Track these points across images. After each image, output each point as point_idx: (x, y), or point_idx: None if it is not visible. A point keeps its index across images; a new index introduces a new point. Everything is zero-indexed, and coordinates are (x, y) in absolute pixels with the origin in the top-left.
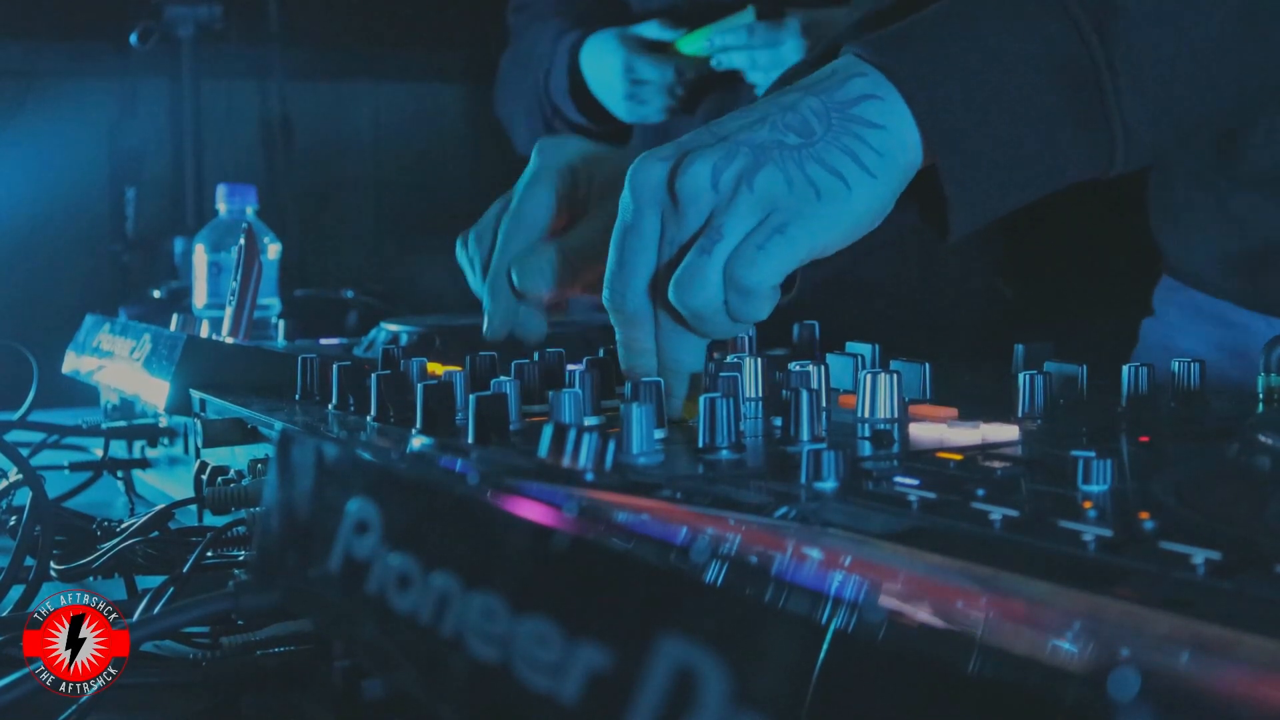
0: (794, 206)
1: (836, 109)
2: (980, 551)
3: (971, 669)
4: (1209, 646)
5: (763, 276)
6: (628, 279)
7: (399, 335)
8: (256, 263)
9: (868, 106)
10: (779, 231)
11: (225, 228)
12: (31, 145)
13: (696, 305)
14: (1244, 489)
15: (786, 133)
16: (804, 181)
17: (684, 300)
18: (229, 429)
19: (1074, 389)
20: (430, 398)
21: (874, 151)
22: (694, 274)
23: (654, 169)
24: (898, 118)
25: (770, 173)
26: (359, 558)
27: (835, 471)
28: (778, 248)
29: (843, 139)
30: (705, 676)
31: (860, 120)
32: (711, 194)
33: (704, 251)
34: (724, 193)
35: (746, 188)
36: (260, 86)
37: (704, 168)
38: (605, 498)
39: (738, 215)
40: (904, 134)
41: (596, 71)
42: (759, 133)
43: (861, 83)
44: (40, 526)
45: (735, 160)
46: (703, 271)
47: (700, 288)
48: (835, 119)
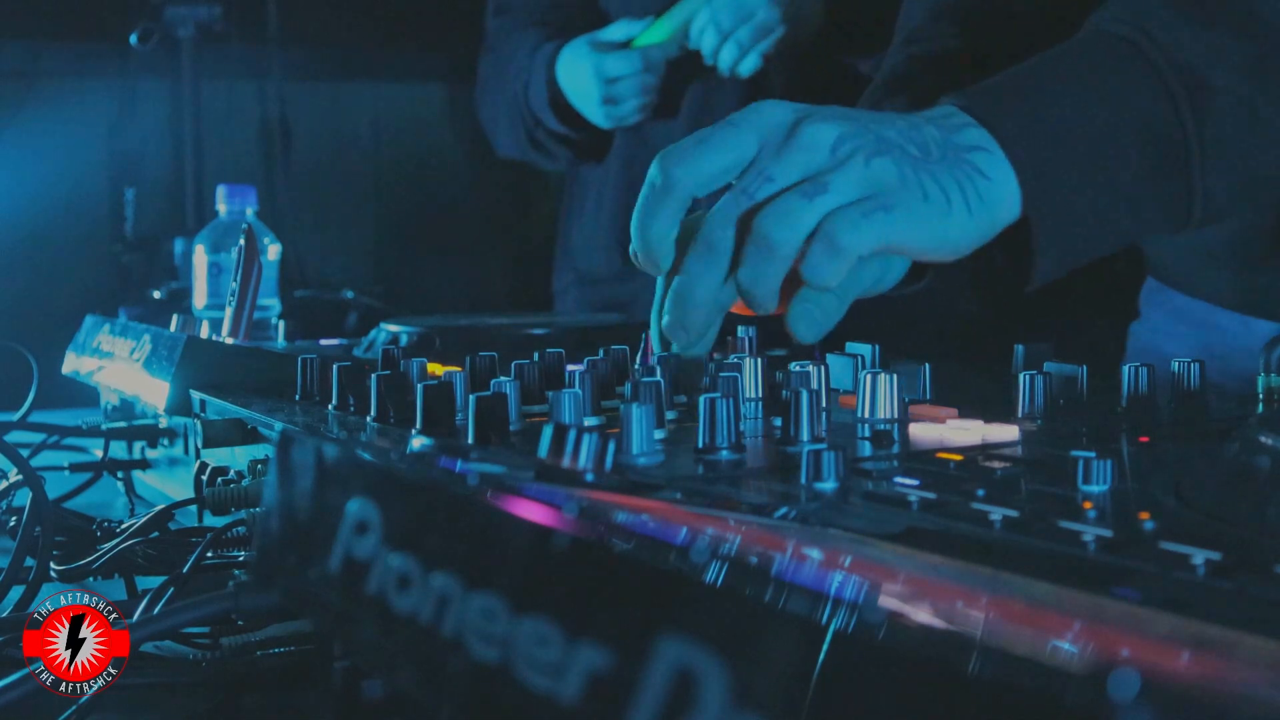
0: (900, 197)
1: (953, 149)
2: (980, 552)
3: (972, 669)
4: (1209, 646)
5: (858, 239)
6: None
7: (399, 336)
8: (256, 263)
9: (978, 156)
10: (884, 209)
11: (225, 228)
12: (31, 146)
13: (779, 237)
14: (1244, 489)
15: (909, 143)
16: (915, 182)
17: (769, 229)
18: (229, 429)
19: (1074, 389)
20: (430, 398)
21: (978, 195)
22: (790, 210)
23: (780, 109)
24: (1003, 173)
25: (887, 162)
26: (359, 558)
27: (835, 472)
28: (880, 221)
29: (955, 170)
30: (705, 677)
31: (971, 165)
32: (827, 154)
33: (806, 196)
34: (839, 158)
35: (862, 161)
36: (260, 87)
37: (832, 130)
38: (605, 498)
39: (846, 179)
40: (1006, 189)
41: (571, 79)
42: (887, 130)
43: (974, 133)
44: (40, 527)
45: (861, 138)
46: (799, 211)
47: (790, 223)
48: (951, 154)
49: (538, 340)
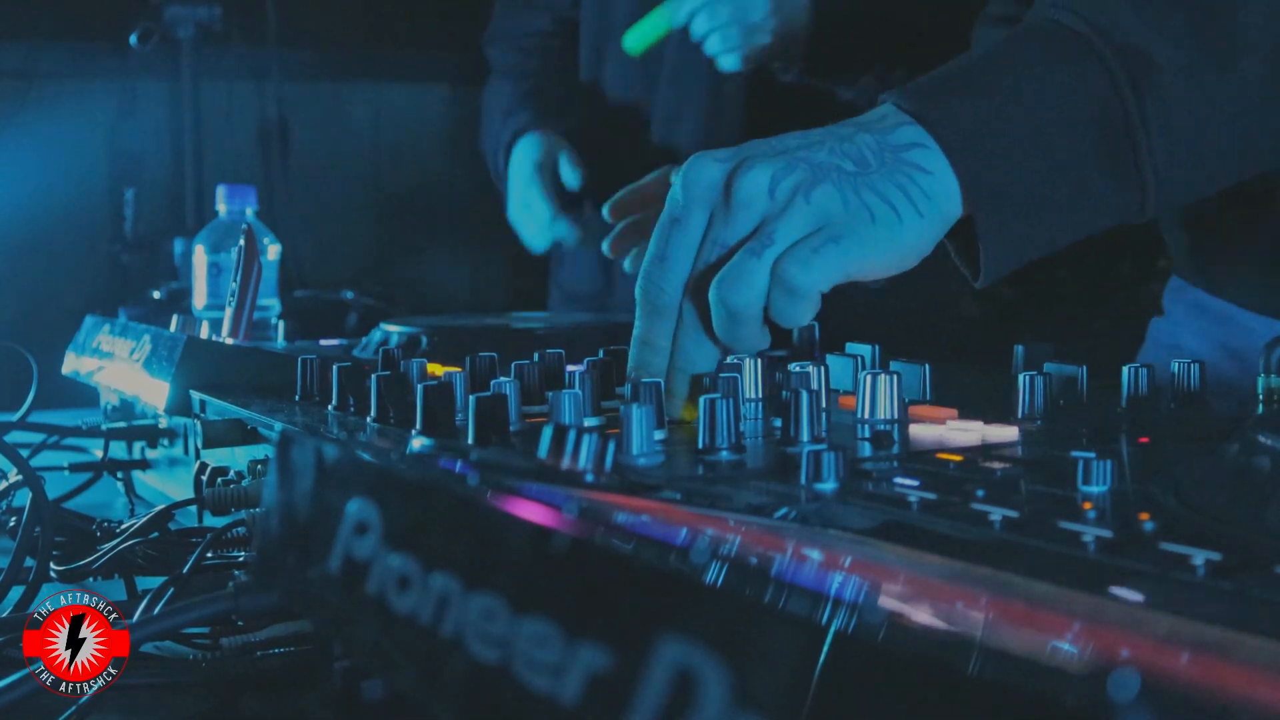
0: (847, 224)
1: (889, 150)
2: (980, 552)
3: (972, 670)
4: (1209, 646)
5: (812, 279)
6: (666, 271)
7: (399, 336)
8: (256, 264)
9: (916, 153)
10: (833, 240)
11: (225, 229)
12: (31, 146)
13: (737, 303)
14: (1244, 489)
15: (844, 159)
16: (859, 204)
17: (726, 297)
18: (229, 430)
19: (1074, 390)
20: (430, 398)
21: (923, 193)
22: (740, 273)
23: (710, 169)
24: (942, 167)
25: (827, 190)
26: (359, 558)
27: (835, 472)
28: (831, 254)
29: (895, 176)
30: (705, 677)
31: (910, 164)
32: (766, 200)
33: (753, 254)
34: (779, 201)
35: (803, 199)
36: (260, 87)
37: (763, 174)
38: (605, 499)
39: (790, 223)
40: (948, 182)
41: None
42: (818, 153)
43: (909, 131)
44: (40, 527)
45: (794, 173)
46: (750, 272)
47: (745, 287)
48: (888, 157)
49: (538, 340)
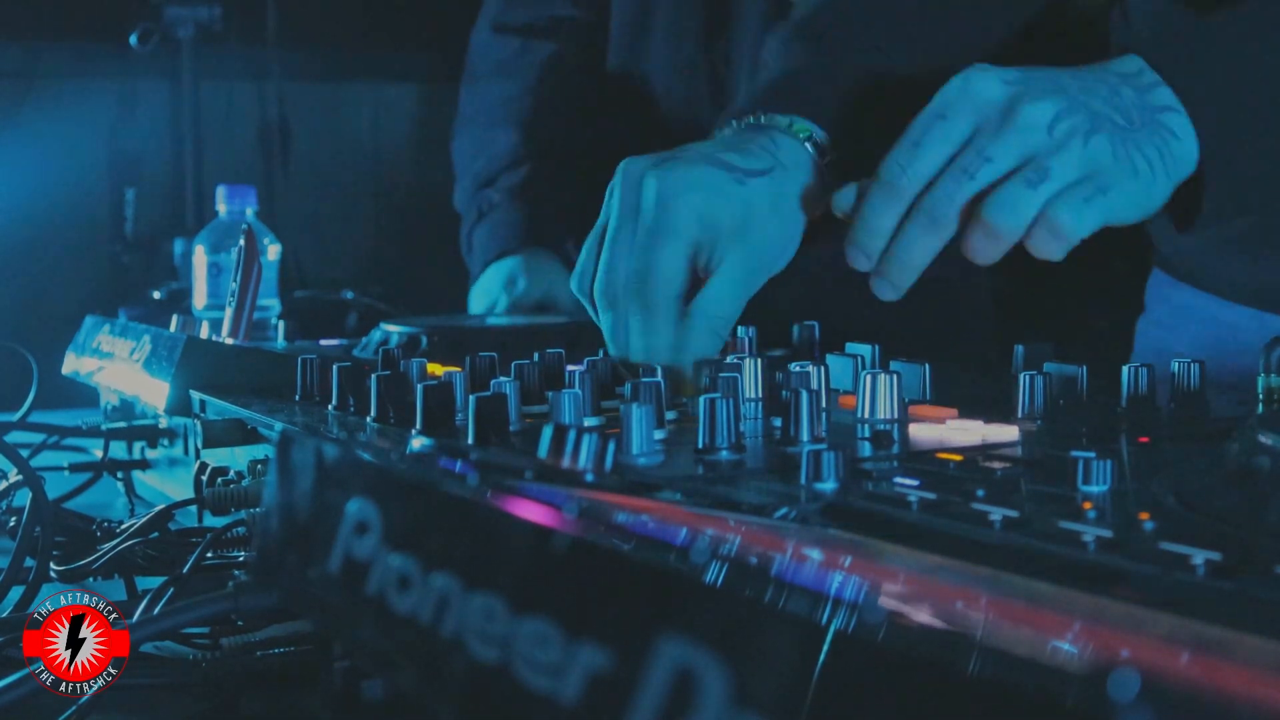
0: (1115, 176)
1: (1149, 109)
2: (980, 552)
3: (972, 670)
4: (1209, 646)
5: (1078, 224)
6: (916, 157)
7: (399, 336)
8: (256, 264)
9: (1169, 117)
10: (1102, 192)
11: (225, 229)
12: (31, 146)
13: (1003, 227)
14: (1244, 489)
15: (1115, 112)
16: (1126, 159)
17: (995, 218)
18: (229, 430)
19: (1074, 390)
20: (430, 398)
21: (1173, 157)
22: (1015, 199)
23: (992, 84)
24: (1188, 131)
25: (1102, 140)
26: (359, 558)
27: (835, 472)
28: (1101, 205)
29: (1155, 137)
30: (705, 677)
31: (1166, 129)
32: (1044, 134)
33: (1029, 184)
34: (1056, 139)
35: (1080, 143)
36: (260, 87)
37: (1049, 108)
38: (605, 498)
39: (1066, 163)
40: (1190, 148)
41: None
42: (1095, 101)
43: (1164, 93)
44: (40, 527)
45: (1075, 115)
46: (1024, 200)
47: (1014, 214)
48: (1148, 117)
49: (538, 340)
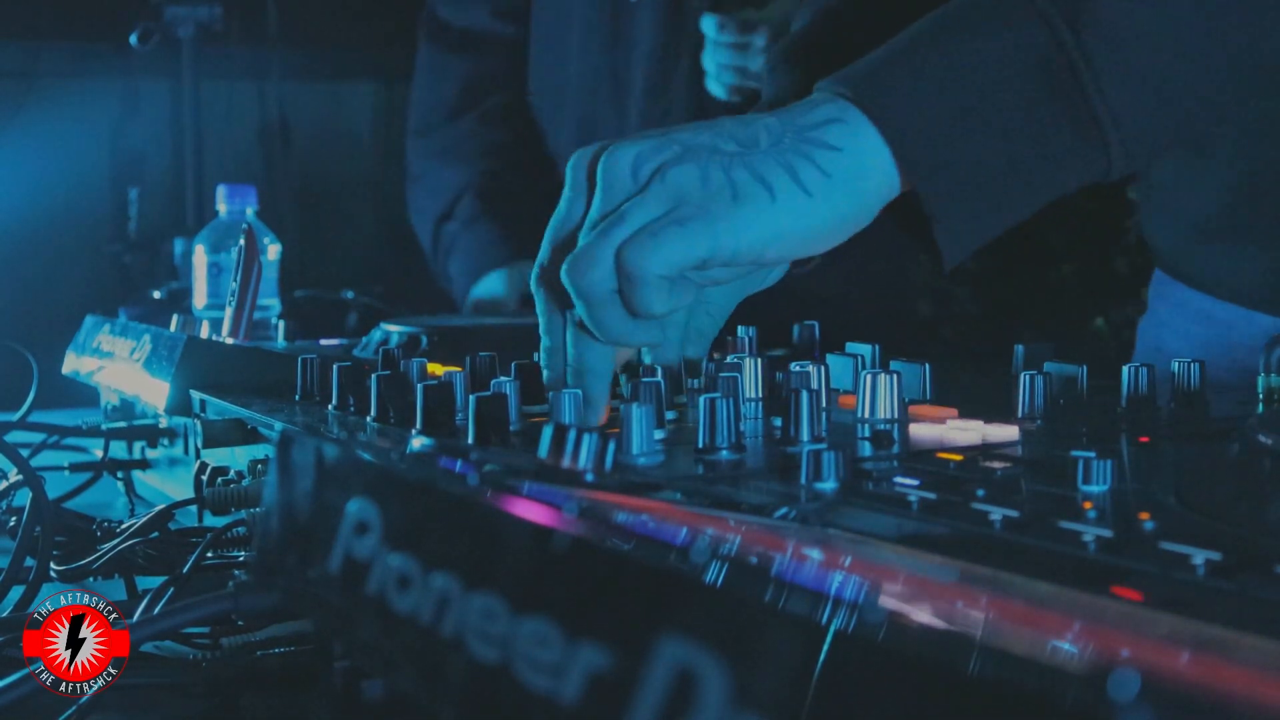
0: (703, 204)
1: (794, 130)
2: (980, 552)
3: (972, 670)
4: (1209, 646)
5: (648, 263)
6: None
7: (399, 336)
8: (256, 263)
9: (829, 130)
10: (677, 223)
11: (225, 228)
12: (32, 146)
13: (584, 286)
14: (1244, 489)
15: (729, 141)
16: (723, 183)
17: (574, 280)
18: (229, 430)
19: (1074, 389)
20: (430, 398)
21: (819, 172)
22: (586, 254)
23: (587, 153)
24: (860, 141)
25: (687, 169)
26: (359, 558)
27: (835, 472)
28: (671, 238)
29: (786, 155)
30: (705, 677)
31: (815, 141)
32: (630, 182)
33: (601, 234)
34: (639, 181)
35: (659, 179)
36: (260, 87)
37: (627, 155)
38: (605, 498)
39: (644, 204)
40: (865, 158)
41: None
42: (700, 135)
43: (829, 108)
44: (40, 527)
45: (661, 152)
46: (594, 252)
47: (588, 268)
48: (788, 138)
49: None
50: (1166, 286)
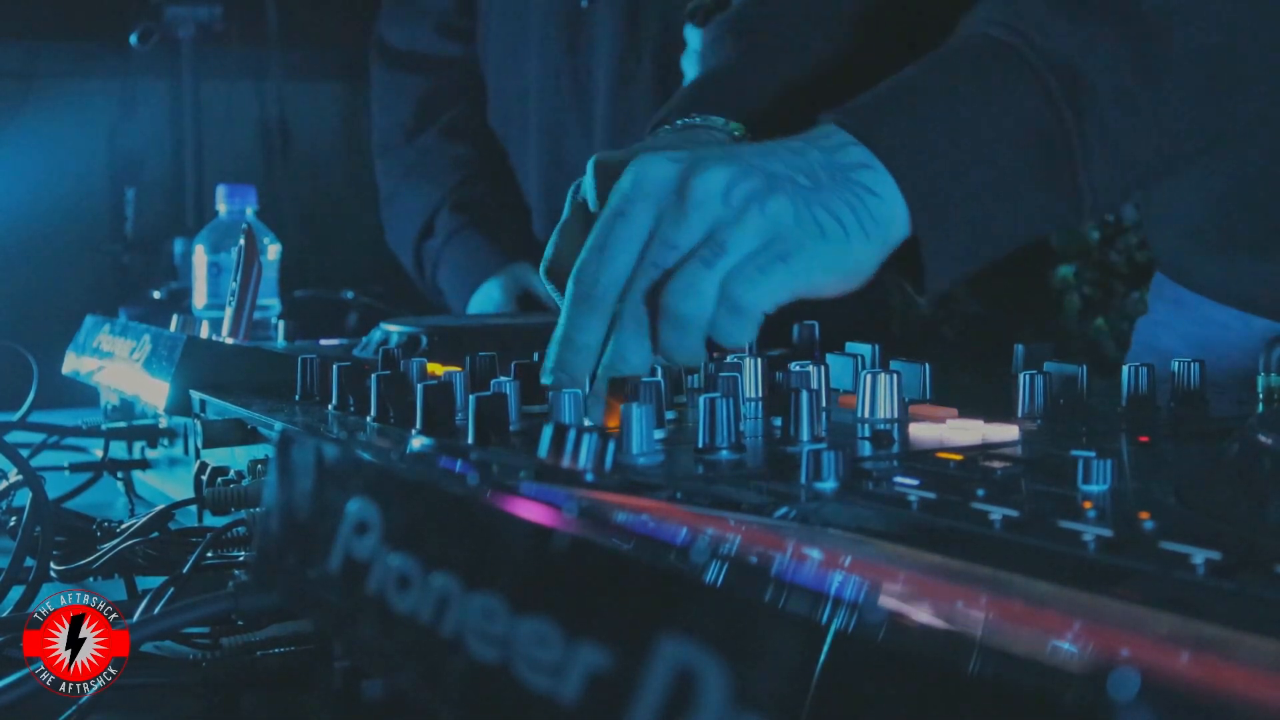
0: (798, 239)
1: (838, 169)
2: (980, 551)
3: (972, 669)
4: (1209, 646)
5: (758, 299)
6: (606, 264)
7: (399, 336)
8: (256, 263)
9: (864, 174)
10: (782, 259)
11: (225, 228)
12: (32, 146)
13: (686, 313)
14: (1244, 489)
15: (797, 173)
16: (810, 219)
17: (676, 306)
18: (229, 430)
19: (1074, 389)
20: (430, 398)
21: (870, 215)
22: (692, 282)
23: (664, 166)
24: (889, 188)
25: (781, 201)
26: (359, 558)
27: (835, 471)
28: (779, 274)
29: (845, 194)
30: (705, 677)
31: (859, 185)
32: (720, 204)
33: (706, 264)
34: (733, 208)
35: (758, 209)
36: (260, 87)
37: (720, 177)
38: (605, 498)
39: (744, 233)
40: (895, 204)
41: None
42: (772, 163)
43: (857, 151)
44: (40, 527)
45: (749, 179)
46: (701, 281)
47: (694, 296)
48: (839, 176)
49: (538, 340)
50: (1166, 287)
